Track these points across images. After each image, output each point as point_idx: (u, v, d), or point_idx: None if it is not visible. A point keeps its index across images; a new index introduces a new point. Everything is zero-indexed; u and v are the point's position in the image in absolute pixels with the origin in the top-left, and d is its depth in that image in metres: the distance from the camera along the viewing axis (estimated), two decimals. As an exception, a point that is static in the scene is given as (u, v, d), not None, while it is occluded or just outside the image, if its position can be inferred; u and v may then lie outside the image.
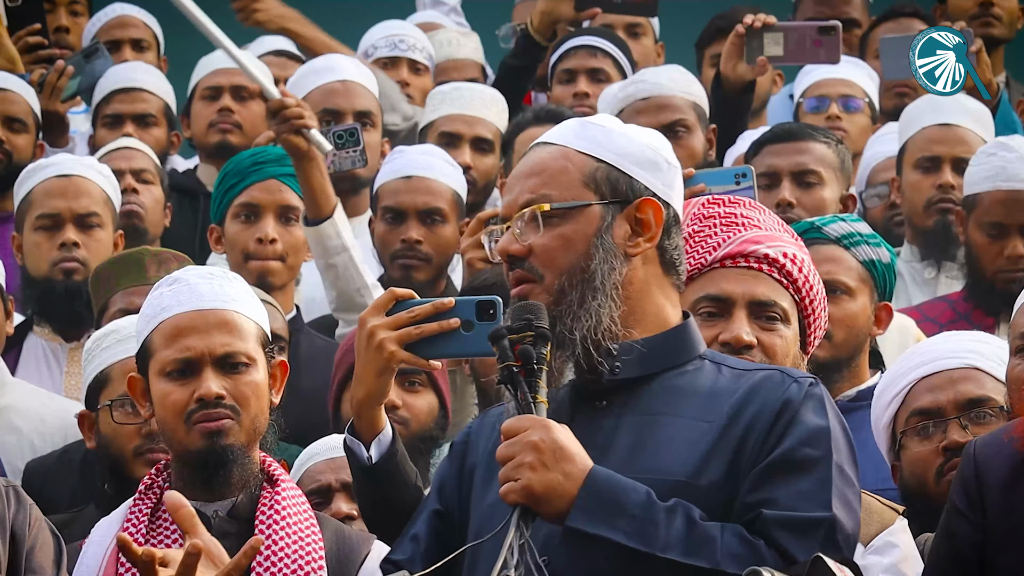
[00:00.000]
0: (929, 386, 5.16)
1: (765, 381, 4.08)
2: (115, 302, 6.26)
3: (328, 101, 7.58)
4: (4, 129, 7.76)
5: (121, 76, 8.30)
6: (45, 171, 6.98)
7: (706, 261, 4.67)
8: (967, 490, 4.29)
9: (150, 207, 7.38)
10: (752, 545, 3.89)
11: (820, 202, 6.59)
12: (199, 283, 4.82)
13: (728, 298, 4.62)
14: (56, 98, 8.17)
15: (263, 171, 6.77)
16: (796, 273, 4.67)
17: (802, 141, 6.74)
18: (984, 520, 4.25)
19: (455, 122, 7.71)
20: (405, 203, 6.84)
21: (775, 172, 6.66)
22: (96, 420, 5.51)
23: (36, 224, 6.87)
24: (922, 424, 5.14)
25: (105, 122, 8.15)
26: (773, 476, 3.97)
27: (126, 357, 5.26)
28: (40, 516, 4.52)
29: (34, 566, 4.45)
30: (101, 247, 6.81)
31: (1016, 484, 4.23)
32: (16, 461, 5.99)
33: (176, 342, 4.73)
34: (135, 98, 8.20)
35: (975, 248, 6.65)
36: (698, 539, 3.90)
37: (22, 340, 6.89)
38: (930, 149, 7.09)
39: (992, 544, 4.24)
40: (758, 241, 4.67)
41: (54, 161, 7.13)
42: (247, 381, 4.73)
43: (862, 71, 8.15)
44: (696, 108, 7.35)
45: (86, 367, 5.66)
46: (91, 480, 5.78)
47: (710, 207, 4.74)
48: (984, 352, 5.22)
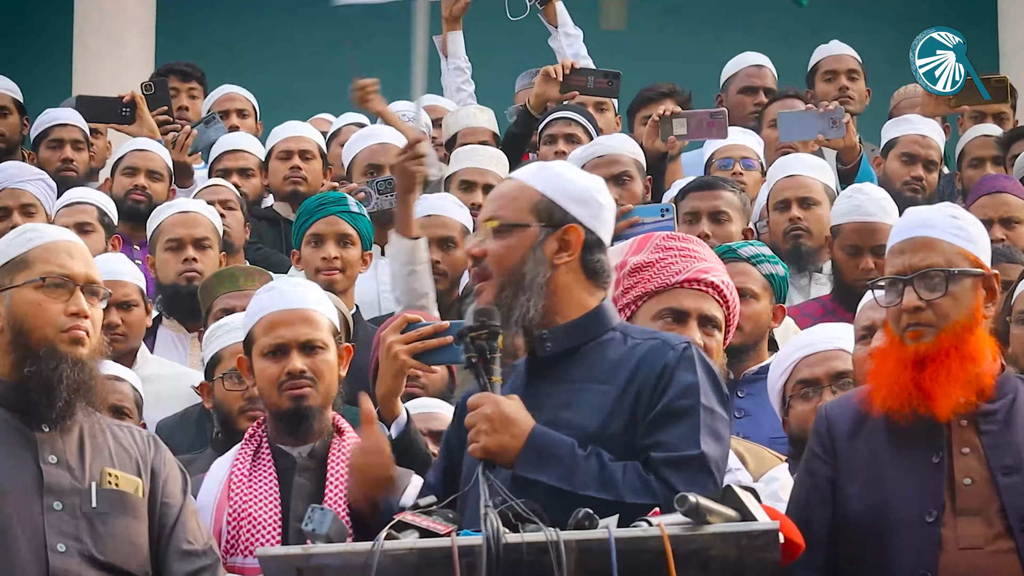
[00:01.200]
0: (809, 363, 5.13)
1: (651, 351, 4.06)
2: (217, 304, 6.26)
3: (372, 158, 7.57)
4: (147, 179, 7.80)
5: (229, 141, 8.30)
6: (170, 209, 7.04)
7: (669, 282, 4.66)
8: (821, 440, 4.25)
9: (234, 226, 7.32)
10: (645, 480, 3.89)
11: (729, 235, 6.51)
12: (288, 289, 4.90)
13: (685, 312, 4.63)
14: (184, 153, 8.21)
15: (326, 209, 6.68)
16: (728, 295, 4.70)
17: (716, 190, 6.69)
18: (835, 461, 4.21)
19: (471, 173, 7.58)
20: (427, 235, 6.65)
21: (696, 212, 6.60)
22: (212, 388, 5.50)
23: (165, 247, 6.87)
24: (804, 390, 5.11)
25: (218, 174, 8.08)
26: (657, 424, 3.96)
27: (233, 343, 5.27)
28: (171, 456, 4.51)
29: (168, 492, 4.41)
30: (211, 262, 6.84)
31: (857, 434, 4.20)
32: (155, 415, 5.95)
33: (271, 332, 4.78)
34: (238, 157, 8.18)
35: (839, 263, 6.56)
36: (607, 478, 3.89)
37: (155, 331, 6.87)
38: (781, 195, 6.99)
39: (841, 478, 4.19)
40: (706, 271, 4.68)
41: (176, 202, 7.20)
42: (322, 360, 4.76)
43: (754, 139, 7.96)
44: (637, 163, 7.18)
45: (204, 349, 5.71)
46: (203, 434, 5.78)
47: (670, 241, 4.76)
48: (847, 338, 5.20)
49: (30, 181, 7.43)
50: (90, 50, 11.62)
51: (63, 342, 4.29)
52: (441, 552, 3.72)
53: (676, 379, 4.00)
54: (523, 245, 4.12)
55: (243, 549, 4.60)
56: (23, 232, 4.46)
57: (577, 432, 3.97)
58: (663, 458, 3.92)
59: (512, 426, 3.94)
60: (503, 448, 3.93)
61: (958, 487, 4.07)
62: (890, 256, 4.24)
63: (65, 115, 8.32)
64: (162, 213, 7.04)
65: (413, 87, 6.34)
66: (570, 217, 4.14)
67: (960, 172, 8.05)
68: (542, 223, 4.13)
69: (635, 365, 4.05)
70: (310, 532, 3.93)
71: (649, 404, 4.00)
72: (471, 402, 4.00)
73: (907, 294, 4.15)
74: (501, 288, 4.10)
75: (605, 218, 4.21)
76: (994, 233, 6.69)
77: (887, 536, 4.07)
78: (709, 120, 7.40)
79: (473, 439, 3.95)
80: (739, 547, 3.72)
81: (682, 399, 3.98)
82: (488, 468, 3.89)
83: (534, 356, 4.15)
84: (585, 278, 4.16)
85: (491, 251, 4.13)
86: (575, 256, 4.14)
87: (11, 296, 4.32)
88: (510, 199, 4.18)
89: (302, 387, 4.72)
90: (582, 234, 4.14)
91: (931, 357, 4.12)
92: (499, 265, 4.12)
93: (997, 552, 4.01)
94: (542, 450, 3.92)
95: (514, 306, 4.07)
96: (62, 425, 4.31)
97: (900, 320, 4.17)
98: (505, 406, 3.96)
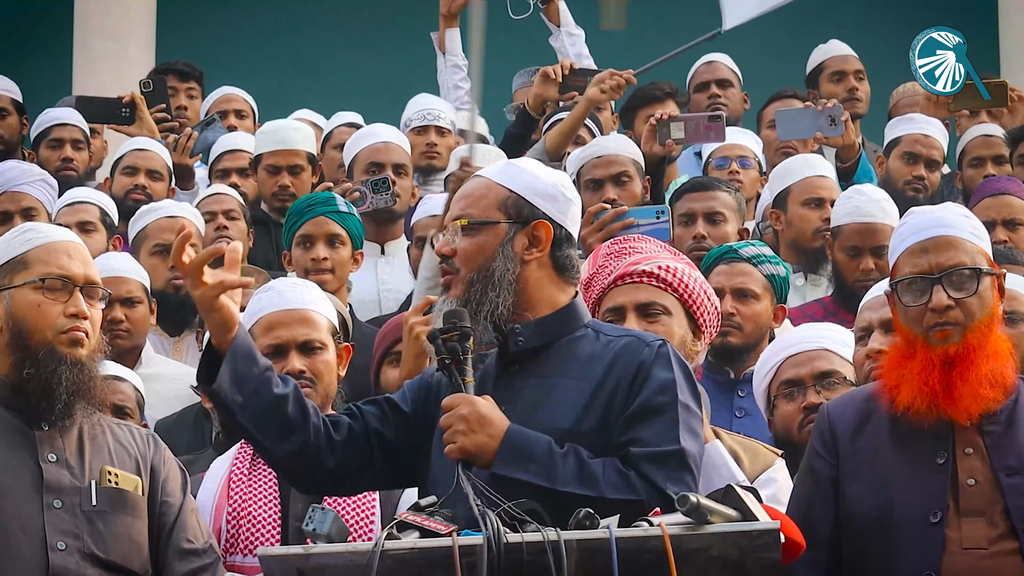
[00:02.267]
0: (793, 363, 5.13)
1: (625, 348, 4.05)
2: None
3: (374, 156, 7.56)
4: (147, 178, 7.84)
5: (228, 141, 8.30)
6: (154, 213, 6.99)
7: (605, 285, 4.68)
8: (823, 438, 4.23)
9: (236, 236, 7.27)
10: (625, 475, 3.89)
11: (724, 235, 6.49)
12: (285, 290, 4.90)
13: (621, 307, 4.63)
14: (185, 155, 8.21)
15: (314, 211, 6.72)
16: (671, 278, 4.64)
17: (711, 191, 6.67)
18: (837, 460, 4.19)
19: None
20: (431, 234, 6.87)
21: (692, 213, 6.59)
22: None
23: (152, 251, 6.86)
24: (788, 390, 5.11)
25: (217, 174, 8.13)
26: (635, 421, 3.96)
27: None
28: (170, 455, 4.51)
29: (167, 491, 4.42)
30: None
31: (859, 434, 4.19)
32: (157, 415, 6.00)
33: (269, 332, 4.79)
34: (237, 157, 8.16)
35: (839, 264, 6.53)
36: (587, 475, 3.88)
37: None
38: (816, 192, 6.98)
39: (843, 478, 4.18)
40: (637, 262, 4.67)
41: (161, 205, 7.15)
42: (321, 360, 4.78)
43: (751, 138, 8.03)
44: (635, 163, 7.14)
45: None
46: (201, 434, 5.80)
47: (610, 247, 4.79)
48: (832, 337, 5.20)
49: (31, 183, 7.42)
50: (91, 50, 11.64)
51: (62, 343, 4.29)
52: (442, 552, 3.71)
53: (653, 376, 3.99)
54: (492, 242, 4.10)
55: (243, 548, 4.61)
56: (23, 232, 4.45)
57: (551, 429, 3.96)
58: (642, 453, 3.91)
59: (488, 426, 3.92)
60: (480, 448, 3.92)
61: (962, 488, 4.06)
62: (909, 256, 4.19)
63: (65, 115, 8.37)
64: (146, 216, 7.02)
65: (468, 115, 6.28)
66: (539, 213, 4.14)
67: (960, 172, 8.05)
68: (510, 220, 4.12)
69: (609, 362, 4.04)
70: (311, 532, 3.90)
71: (625, 401, 3.99)
72: (446, 403, 3.98)
73: (936, 293, 4.12)
74: (470, 284, 4.08)
75: (573, 213, 4.21)
76: (997, 235, 6.70)
77: (891, 536, 4.07)
78: (707, 124, 7.36)
79: (449, 439, 3.93)
80: (740, 547, 3.71)
81: (660, 396, 3.97)
82: (466, 468, 3.89)
83: (505, 351, 4.12)
84: (555, 273, 4.15)
85: (460, 249, 4.12)
86: (544, 252, 4.13)
87: (10, 296, 4.32)
88: (478, 197, 4.16)
89: (301, 387, 4.57)
90: (551, 230, 4.13)
91: (960, 357, 4.09)
92: (468, 262, 4.10)
93: (1001, 553, 4.01)
94: (519, 448, 3.92)
95: (483, 302, 4.05)
96: (61, 424, 4.31)
97: (923, 320, 4.13)
98: (481, 406, 3.95)
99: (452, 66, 8.98)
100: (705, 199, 6.64)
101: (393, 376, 5.60)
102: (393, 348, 5.66)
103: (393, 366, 5.63)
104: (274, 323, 4.80)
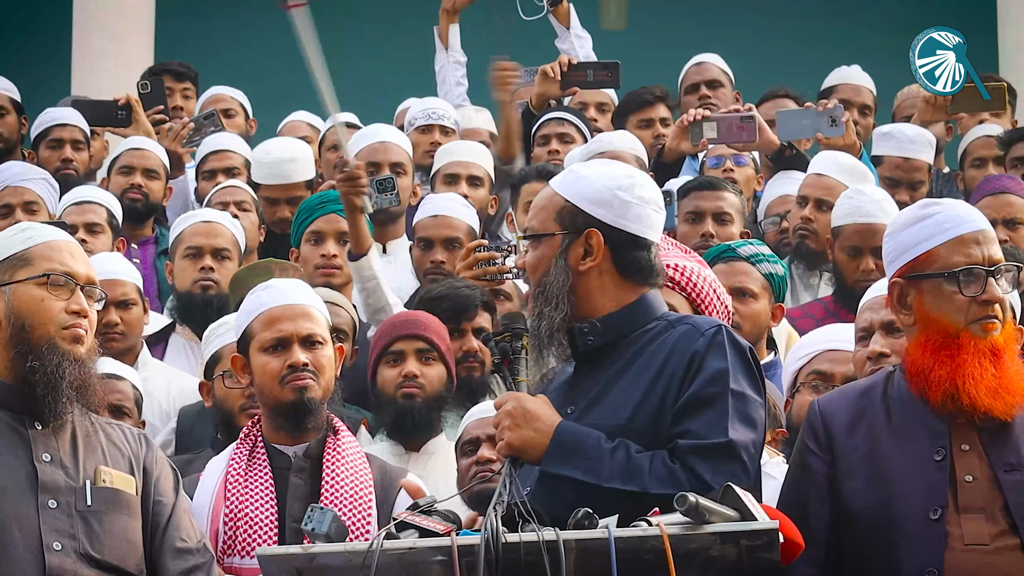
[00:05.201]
0: (830, 357, 5.19)
1: (681, 337, 4.04)
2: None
3: (372, 155, 7.46)
4: (143, 177, 7.82)
5: (215, 142, 8.22)
6: (193, 218, 7.02)
7: None
8: (816, 435, 4.20)
9: (247, 228, 7.26)
10: (671, 469, 3.87)
11: (730, 236, 6.51)
12: (284, 287, 4.93)
13: None
14: (177, 143, 8.24)
15: (326, 208, 6.77)
16: (679, 277, 4.65)
17: (719, 190, 6.70)
18: (832, 456, 4.17)
19: (455, 166, 7.61)
20: (432, 235, 6.82)
21: (700, 211, 6.63)
22: (212, 386, 5.56)
23: (184, 254, 6.84)
24: (815, 381, 5.17)
25: (204, 175, 8.08)
26: (686, 413, 3.95)
27: (232, 341, 5.16)
28: (162, 454, 4.53)
29: (160, 490, 4.42)
30: (229, 273, 6.75)
31: (855, 430, 4.17)
32: (151, 418, 6.00)
33: (272, 326, 4.79)
34: (224, 157, 8.09)
35: (840, 264, 6.55)
36: (632, 469, 3.88)
37: (167, 337, 6.85)
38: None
39: (839, 474, 4.16)
40: None
41: (200, 212, 7.19)
42: (322, 354, 4.78)
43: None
44: (638, 159, 7.22)
45: (204, 348, 5.75)
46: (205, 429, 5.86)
47: None
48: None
49: (33, 180, 7.43)
50: (90, 50, 11.62)
51: (64, 339, 4.29)
52: (441, 551, 3.72)
53: (705, 366, 3.98)
54: (548, 255, 4.11)
55: (240, 549, 4.61)
56: (23, 230, 4.46)
57: (605, 426, 3.97)
58: (690, 446, 3.90)
59: (535, 421, 3.96)
60: (526, 443, 3.96)
61: (960, 484, 4.06)
62: (956, 245, 4.12)
63: (65, 115, 8.35)
64: (185, 222, 7.03)
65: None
66: (592, 220, 4.10)
67: (962, 172, 8.03)
68: (564, 230, 4.11)
69: (667, 353, 4.03)
70: (310, 531, 3.93)
71: (678, 393, 3.98)
72: (496, 402, 4.04)
73: (991, 286, 4.09)
74: (534, 300, 4.12)
75: (636, 214, 4.13)
76: (998, 234, 6.58)
77: (891, 533, 4.07)
78: (739, 124, 7.39)
79: (498, 437, 4.00)
80: (739, 547, 3.72)
81: (710, 386, 3.96)
82: (514, 464, 3.94)
83: (576, 351, 4.13)
84: (621, 279, 4.12)
85: (526, 263, 4.16)
86: (599, 260, 4.10)
87: (12, 292, 4.32)
88: (539, 208, 4.17)
89: (305, 379, 4.73)
90: (605, 237, 4.09)
91: (1003, 349, 4.08)
92: (532, 276, 4.14)
93: (1003, 549, 4.00)
94: (568, 444, 3.94)
95: (539, 316, 4.07)
96: (55, 423, 4.31)
97: (968, 311, 4.09)
98: (527, 402, 3.99)
99: (454, 62, 8.98)
100: (714, 198, 6.69)
101: (389, 375, 5.65)
102: (390, 347, 5.69)
103: (389, 365, 5.67)
104: (276, 317, 4.82)
